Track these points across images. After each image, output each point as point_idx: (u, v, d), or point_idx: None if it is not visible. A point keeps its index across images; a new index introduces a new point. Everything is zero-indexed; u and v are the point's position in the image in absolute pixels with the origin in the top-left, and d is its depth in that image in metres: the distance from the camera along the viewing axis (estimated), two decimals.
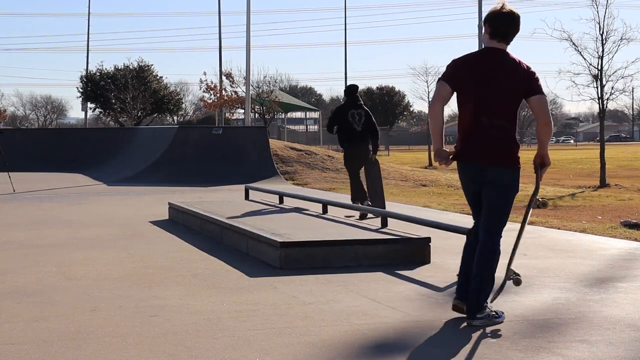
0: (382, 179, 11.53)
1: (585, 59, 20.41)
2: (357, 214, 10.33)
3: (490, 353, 4.20)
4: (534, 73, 4.92)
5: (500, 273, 5.04)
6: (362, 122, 11.25)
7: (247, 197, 12.66)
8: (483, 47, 5.00)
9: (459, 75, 4.88)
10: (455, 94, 4.92)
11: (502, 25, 4.89)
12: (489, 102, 4.84)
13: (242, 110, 39.25)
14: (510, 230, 9.94)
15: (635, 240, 8.79)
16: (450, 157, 4.91)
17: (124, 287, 6.04)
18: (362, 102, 11.62)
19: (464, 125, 4.94)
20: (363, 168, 11.34)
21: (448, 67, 4.95)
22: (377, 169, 11.39)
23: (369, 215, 10.06)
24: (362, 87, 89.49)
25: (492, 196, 4.93)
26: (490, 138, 4.86)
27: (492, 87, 4.83)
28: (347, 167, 11.55)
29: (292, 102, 58.90)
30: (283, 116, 63.23)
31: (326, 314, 5.11)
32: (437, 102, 4.87)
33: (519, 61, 4.95)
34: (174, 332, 4.63)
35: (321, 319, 4.98)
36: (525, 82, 4.85)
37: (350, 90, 11.77)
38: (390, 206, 12.25)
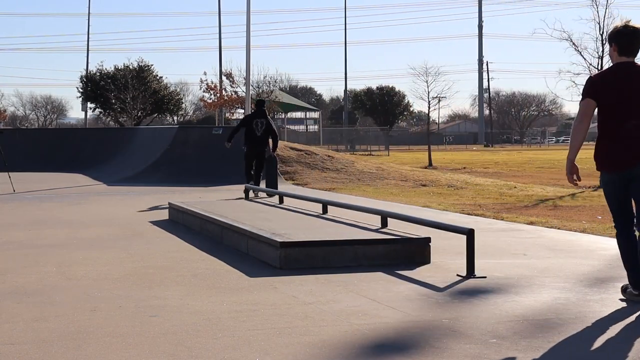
0: (278, 170, 16.04)
1: (585, 59, 20.42)
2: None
3: (490, 353, 4.20)
4: None
5: None
6: (262, 129, 15.02)
7: (247, 197, 12.65)
8: (612, 64, 5.44)
9: (596, 90, 5.33)
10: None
11: (628, 42, 5.32)
12: (633, 108, 5.26)
13: (242, 110, 39.29)
14: (514, 231, 9.91)
15: None
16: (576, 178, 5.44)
17: (124, 287, 6.04)
18: (266, 113, 15.37)
19: (608, 134, 5.38)
20: (264, 162, 15.28)
21: (586, 85, 5.39)
22: (275, 163, 15.66)
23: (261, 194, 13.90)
24: (362, 87, 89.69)
25: None
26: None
27: (634, 94, 5.27)
28: (246, 159, 15.26)
29: (292, 102, 58.96)
30: (283, 116, 63.25)
31: (326, 314, 5.11)
32: (588, 115, 5.41)
33: None
34: (174, 332, 4.63)
35: (321, 319, 4.98)
36: None
37: (258, 103, 15.71)
38: (390, 206, 12.26)
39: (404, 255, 7.05)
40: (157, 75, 53.86)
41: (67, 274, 6.63)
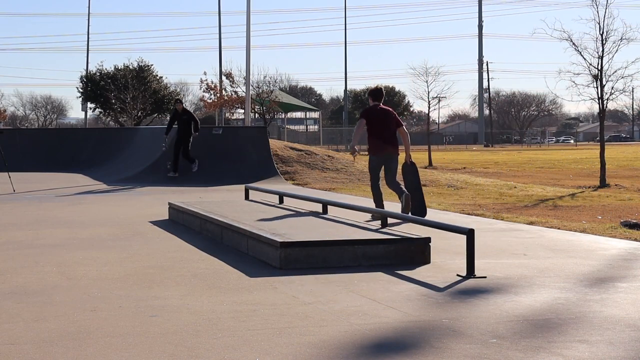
0: (188, 147, 19.61)
1: (585, 59, 20.37)
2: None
3: (490, 353, 4.20)
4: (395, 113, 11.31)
5: None
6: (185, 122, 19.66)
7: (247, 197, 12.66)
8: (372, 104, 11.13)
9: (367, 116, 11.01)
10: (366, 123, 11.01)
11: (376, 95, 11.21)
12: (383, 126, 10.99)
13: (242, 110, 39.30)
14: (514, 231, 9.90)
15: (635, 240, 8.79)
16: (356, 152, 11.18)
17: (124, 287, 6.04)
18: (188, 110, 20.40)
19: (374, 138, 10.98)
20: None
21: (363, 111, 11.16)
22: (187, 145, 19.50)
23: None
24: (362, 87, 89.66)
25: (393, 169, 11.12)
26: (389, 143, 11.03)
27: (382, 120, 11.02)
28: (175, 146, 19.59)
29: (292, 102, 58.93)
30: (283, 116, 63.23)
31: (326, 314, 5.11)
32: (361, 126, 11.04)
33: (390, 109, 11.30)
34: (174, 332, 4.63)
35: (321, 319, 4.98)
36: (396, 120, 11.16)
37: (177, 101, 20.93)
38: (391, 206, 12.26)
39: (404, 255, 7.05)
40: (157, 75, 53.89)
41: (67, 274, 6.63)
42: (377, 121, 10.88)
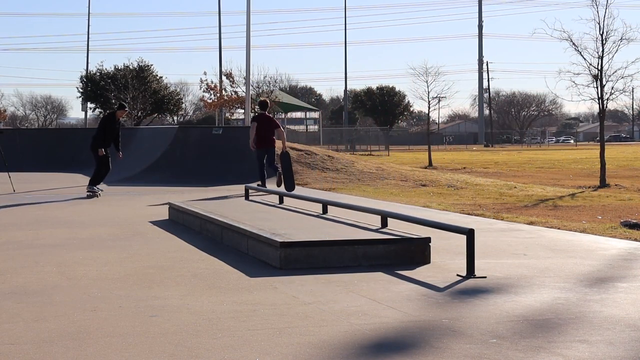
0: (109, 165, 16.62)
1: (585, 59, 20.39)
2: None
3: (490, 353, 4.20)
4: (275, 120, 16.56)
5: None
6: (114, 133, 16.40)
7: (247, 197, 12.65)
8: (260, 113, 16.66)
9: (257, 120, 15.90)
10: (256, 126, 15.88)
11: (263, 105, 16.65)
12: (266, 128, 15.82)
13: (242, 110, 39.30)
14: (514, 231, 9.92)
15: (635, 240, 8.79)
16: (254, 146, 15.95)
17: (124, 287, 6.04)
18: (120, 123, 17.00)
19: (260, 135, 15.66)
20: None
21: (254, 117, 16.71)
22: (108, 162, 16.50)
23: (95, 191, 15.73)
24: (362, 87, 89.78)
25: (271, 156, 16.12)
26: (268, 140, 15.85)
27: (267, 124, 15.87)
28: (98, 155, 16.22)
29: (292, 102, 58.93)
30: (283, 116, 63.22)
31: (326, 314, 5.11)
32: (254, 128, 15.75)
33: (271, 116, 16.79)
34: (174, 332, 4.63)
35: (321, 319, 4.98)
36: (274, 123, 16.05)
37: (121, 106, 17.18)
38: (390, 206, 12.26)
39: (404, 255, 7.05)
40: (157, 75, 53.95)
41: (67, 274, 6.63)
42: (261, 124, 15.69)
